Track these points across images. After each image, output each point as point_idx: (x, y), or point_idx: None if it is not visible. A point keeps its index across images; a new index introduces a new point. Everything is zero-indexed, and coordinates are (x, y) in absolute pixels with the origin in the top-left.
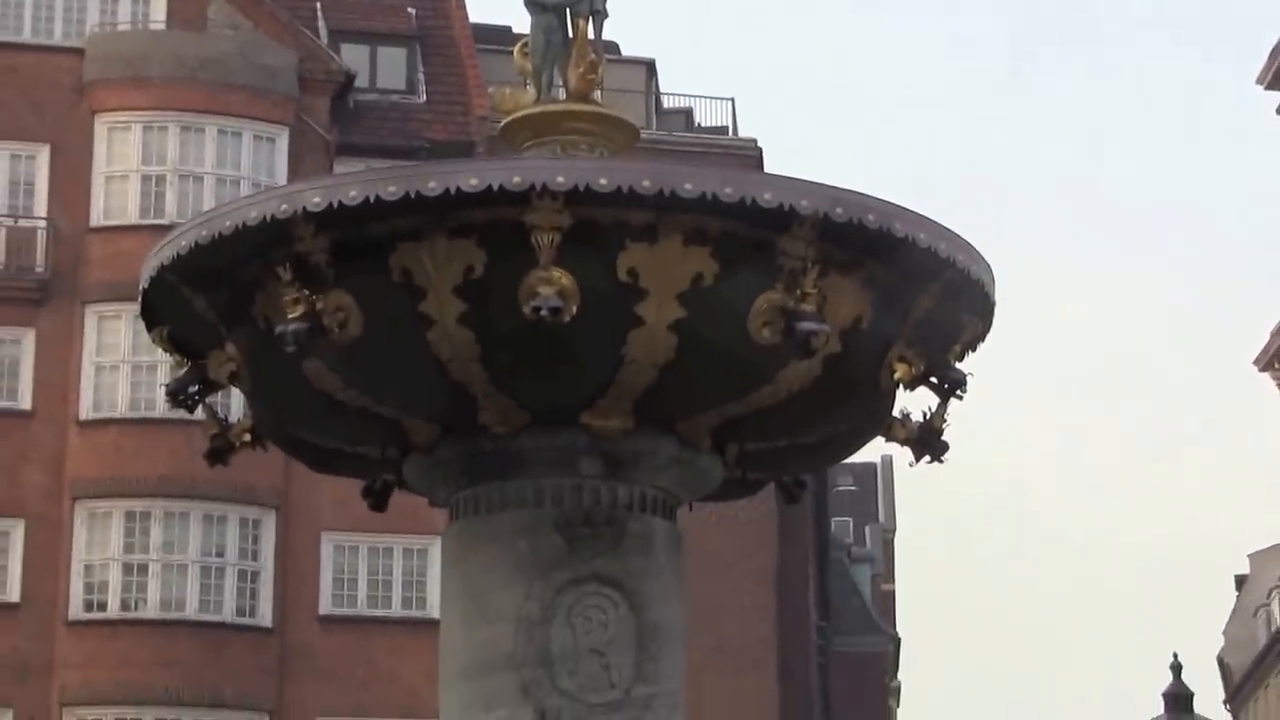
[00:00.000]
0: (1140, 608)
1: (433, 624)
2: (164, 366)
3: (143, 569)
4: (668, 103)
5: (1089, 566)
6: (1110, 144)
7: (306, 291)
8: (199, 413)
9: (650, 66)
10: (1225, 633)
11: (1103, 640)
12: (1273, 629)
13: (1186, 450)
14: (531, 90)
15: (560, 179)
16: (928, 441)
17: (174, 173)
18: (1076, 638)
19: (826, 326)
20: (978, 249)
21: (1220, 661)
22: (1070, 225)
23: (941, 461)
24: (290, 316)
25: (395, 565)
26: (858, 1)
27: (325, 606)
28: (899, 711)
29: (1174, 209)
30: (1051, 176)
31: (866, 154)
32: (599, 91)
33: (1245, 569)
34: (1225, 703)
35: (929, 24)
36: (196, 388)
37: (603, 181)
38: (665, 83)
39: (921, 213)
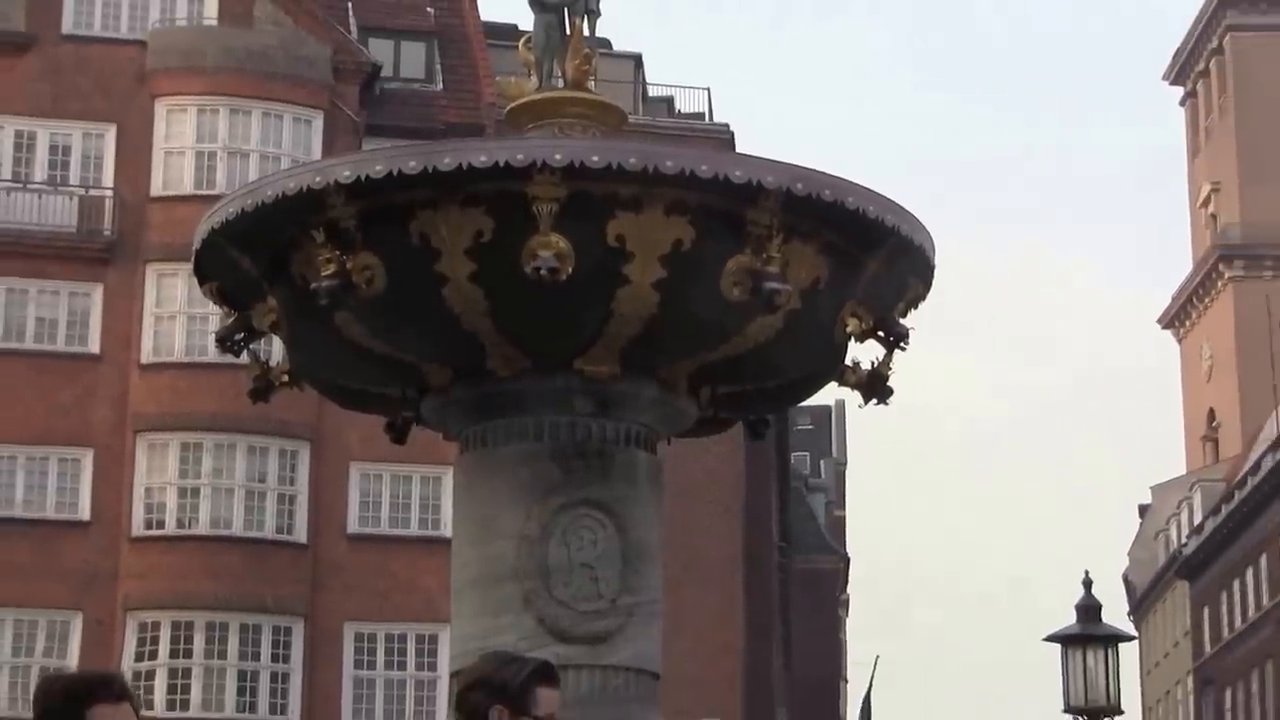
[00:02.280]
0: (1057, 533)
1: (446, 542)
2: (214, 317)
3: (195, 492)
4: (652, 92)
5: (1011, 498)
6: (1041, 135)
7: (337, 252)
8: (244, 357)
9: (638, 60)
10: (1130, 554)
11: (1023, 562)
12: (1170, 551)
13: (1100, 397)
14: (534, 79)
15: (558, 156)
16: (875, 386)
17: (224, 150)
18: (1001, 559)
19: (788, 286)
20: (920, 220)
21: (1125, 579)
22: (1002, 202)
23: (887, 403)
24: (323, 274)
25: (414, 491)
26: (820, 5)
27: (353, 526)
28: (848, 621)
29: (1096, 192)
30: (988, 160)
31: (826, 137)
32: (592, 81)
33: (1148, 499)
34: (1129, 614)
35: (880, 24)
36: (242, 335)
37: (595, 159)
38: (650, 74)
39: (872, 188)
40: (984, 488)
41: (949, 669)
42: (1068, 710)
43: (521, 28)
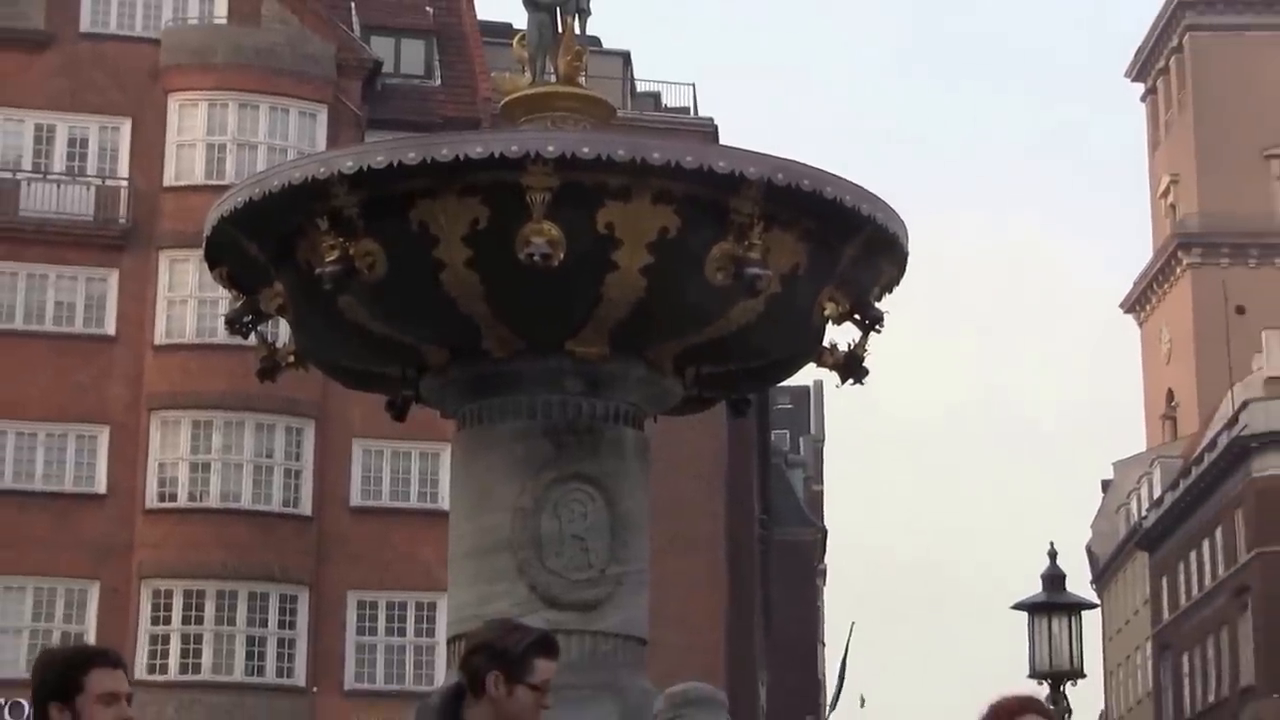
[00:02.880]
0: (1024, 507)
1: (444, 514)
2: (224, 301)
3: (206, 467)
4: (640, 87)
5: (980, 474)
6: (1004, 126)
7: (341, 239)
8: (252, 339)
9: (626, 57)
10: (1093, 527)
11: (993, 534)
12: (1131, 524)
13: (1065, 377)
14: (527, 75)
15: (550, 148)
16: (852, 367)
17: (233, 142)
18: (970, 531)
19: (769, 271)
20: (895, 209)
21: (1088, 550)
22: (973, 192)
23: (862, 383)
24: (327, 260)
25: (413, 466)
26: (796, 5)
27: (355, 499)
28: (825, 589)
29: (1063, 182)
30: (962, 155)
31: (804, 130)
32: (583, 77)
33: (1110, 475)
34: (1092, 583)
35: (858, 24)
36: (250, 318)
37: (585, 150)
38: (638, 71)
39: (849, 179)
40: (954, 464)
41: (921, 635)
42: (1033, 674)
43: (516, 26)
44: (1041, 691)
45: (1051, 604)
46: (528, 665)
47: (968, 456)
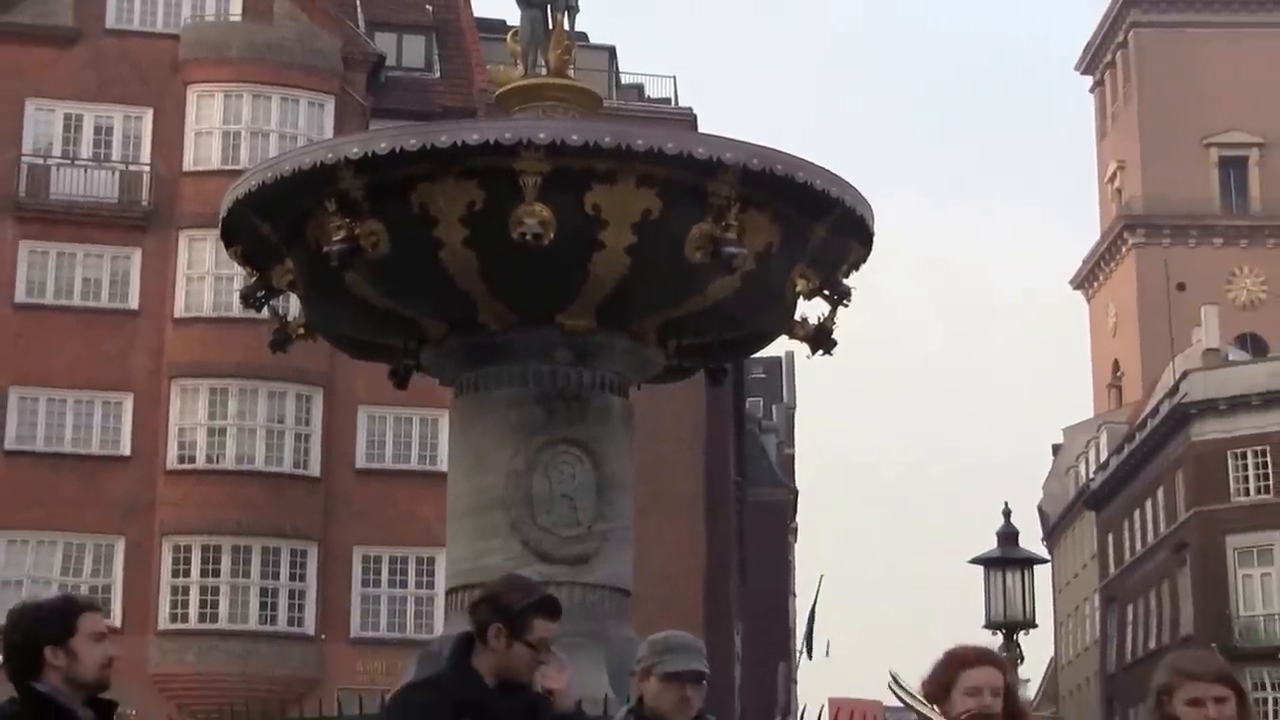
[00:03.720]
0: (980, 469)
1: (442, 475)
2: (239, 277)
3: (222, 432)
4: (624, 80)
5: (939, 439)
6: (964, 116)
7: (347, 220)
8: (265, 312)
9: (612, 52)
10: (1044, 488)
11: (951, 496)
12: (1079, 485)
13: (1019, 349)
14: (520, 68)
15: (542, 135)
16: (821, 339)
17: (247, 130)
18: (930, 492)
19: (744, 250)
20: (861, 192)
21: (1040, 509)
22: (935, 176)
23: (831, 354)
24: (334, 239)
25: (414, 430)
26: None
27: (360, 462)
28: (796, 547)
29: (1018, 167)
30: (920, 142)
31: (778, 118)
32: (572, 69)
33: (1060, 439)
34: (1043, 540)
35: (826, 20)
36: (263, 293)
37: (574, 137)
38: (623, 64)
39: (819, 164)
40: (915, 430)
41: (884, 588)
42: (989, 624)
43: (510, 22)
44: (996, 640)
45: (1006, 559)
46: (527, 623)
47: (927, 423)
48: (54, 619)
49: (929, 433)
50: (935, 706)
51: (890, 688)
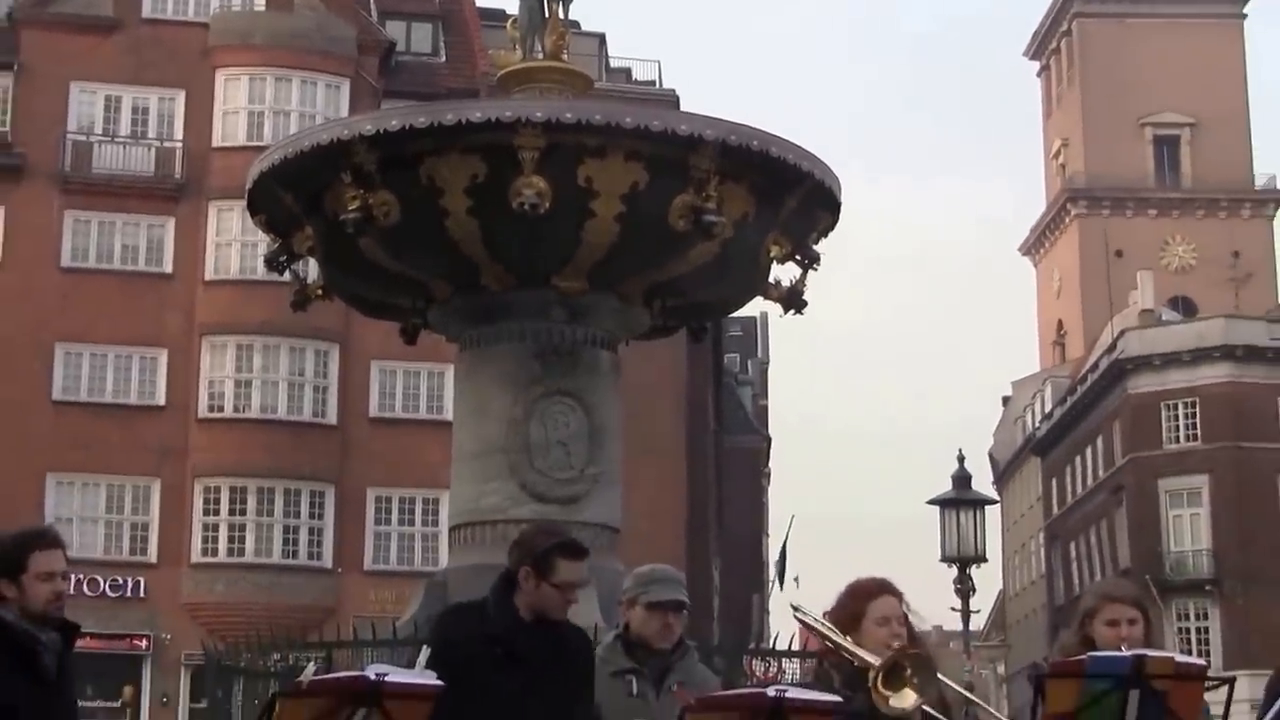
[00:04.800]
0: (937, 419)
1: (448, 424)
2: (263, 243)
3: (248, 384)
4: (613, 64)
5: (900, 392)
6: (927, 98)
7: (361, 191)
8: (287, 275)
9: (602, 38)
10: (994, 436)
11: (909, 442)
12: (1026, 433)
13: (973, 310)
14: (519, 52)
15: (539, 114)
16: (793, 300)
17: (270, 110)
18: (891, 439)
19: (723, 219)
20: (830, 165)
21: (990, 456)
22: (902, 154)
23: (802, 313)
24: (350, 208)
25: (422, 383)
26: None
27: (373, 411)
28: (769, 490)
29: (972, 145)
30: (884, 121)
31: (753, 98)
32: (566, 54)
33: (1009, 392)
34: (993, 483)
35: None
36: (285, 257)
37: (568, 116)
38: (612, 50)
39: (791, 139)
40: (878, 384)
41: (848, 526)
42: (944, 559)
43: (509, 11)
44: (950, 572)
45: (959, 500)
46: (551, 564)
47: (890, 378)
48: (9, 553)
49: (891, 387)
50: (848, 637)
51: (798, 619)
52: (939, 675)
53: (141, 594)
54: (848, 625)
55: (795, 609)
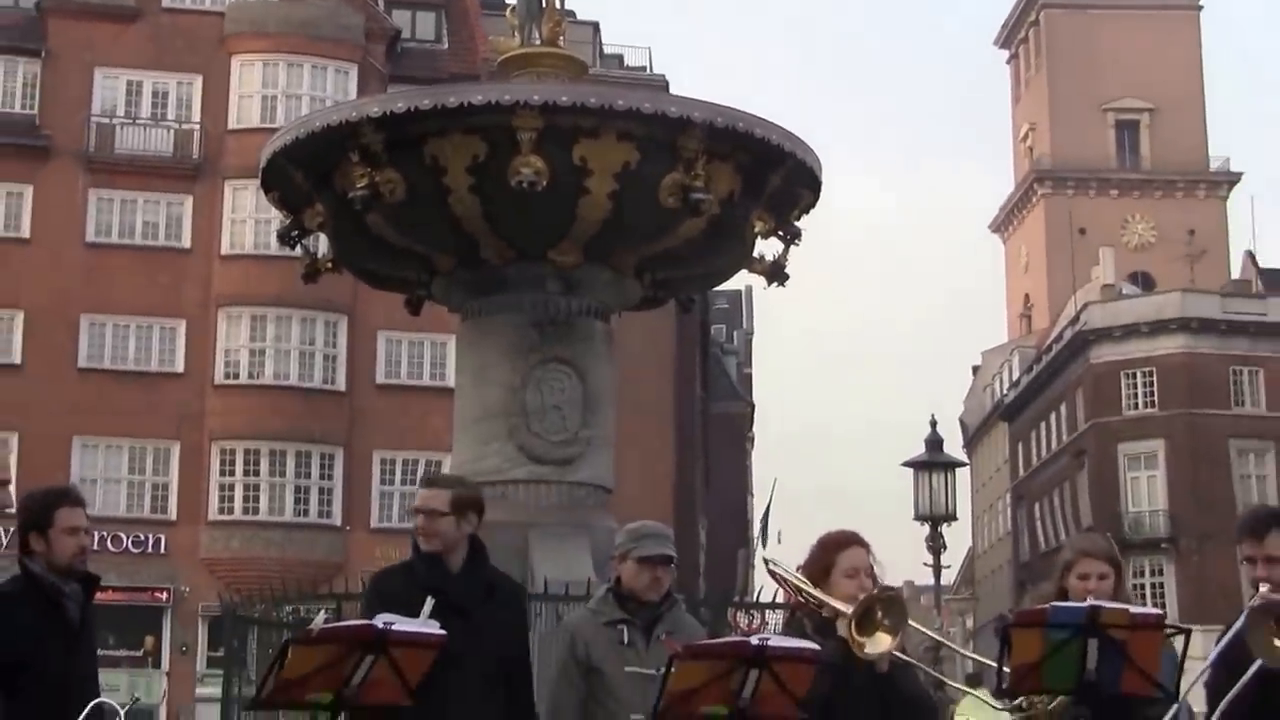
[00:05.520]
0: (911, 387)
1: (450, 390)
2: (276, 219)
3: (262, 353)
4: (607, 50)
5: (877, 361)
6: (902, 84)
7: (369, 170)
8: (298, 249)
9: (596, 26)
10: (965, 403)
11: (886, 407)
12: (994, 400)
13: (946, 284)
14: (518, 39)
15: (536, 96)
16: (776, 274)
17: (283, 94)
18: (869, 405)
19: (710, 196)
20: (811, 146)
21: (961, 421)
22: (870, 139)
23: (784, 286)
24: (358, 186)
25: (425, 352)
26: None
27: (380, 378)
28: (753, 453)
29: (945, 129)
30: (863, 107)
31: (738, 84)
32: (562, 40)
33: (979, 361)
34: (964, 447)
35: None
36: (297, 233)
37: (564, 99)
38: (605, 37)
39: (774, 121)
40: (856, 353)
41: (828, 487)
42: (917, 517)
43: (509, 0)
44: (923, 530)
45: (931, 462)
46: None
47: (866, 348)
48: (37, 510)
49: (869, 356)
50: (819, 588)
51: (770, 573)
52: (910, 621)
53: (162, 550)
54: (818, 577)
55: (768, 562)
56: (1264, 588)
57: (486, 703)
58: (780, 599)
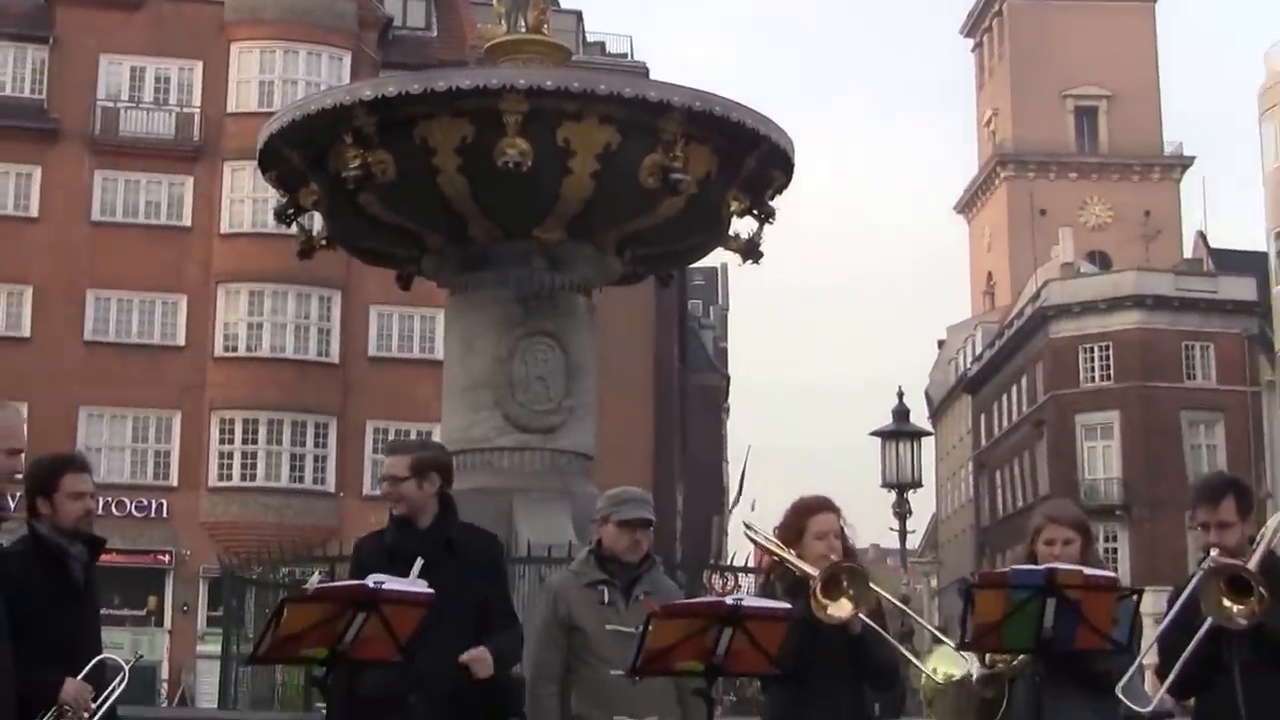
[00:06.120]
0: (879, 359)
1: (439, 362)
2: (273, 199)
3: (259, 326)
4: (589, 38)
5: (846, 335)
6: (871, 71)
7: (361, 151)
8: (294, 227)
9: (579, 15)
10: (930, 375)
11: (854, 379)
12: (958, 373)
13: (913, 262)
14: (504, 27)
15: (521, 81)
16: (751, 251)
17: (279, 79)
18: (838, 377)
19: (688, 177)
20: (784, 129)
21: (926, 394)
22: (849, 126)
23: (759, 263)
24: (351, 166)
25: (415, 324)
26: None
27: (371, 350)
28: (728, 423)
29: (913, 114)
30: (835, 93)
31: (715, 70)
32: (546, 28)
33: (944, 336)
34: (929, 418)
35: None
36: (293, 211)
37: (548, 83)
38: (588, 25)
39: (749, 105)
40: (827, 327)
41: (800, 455)
42: (884, 484)
43: None
44: (890, 496)
45: (898, 432)
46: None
47: (837, 322)
48: (44, 475)
49: (838, 330)
50: (791, 550)
51: (747, 536)
52: (873, 586)
53: (164, 515)
54: (791, 540)
55: (746, 526)
56: (1214, 552)
57: (450, 649)
58: (752, 563)
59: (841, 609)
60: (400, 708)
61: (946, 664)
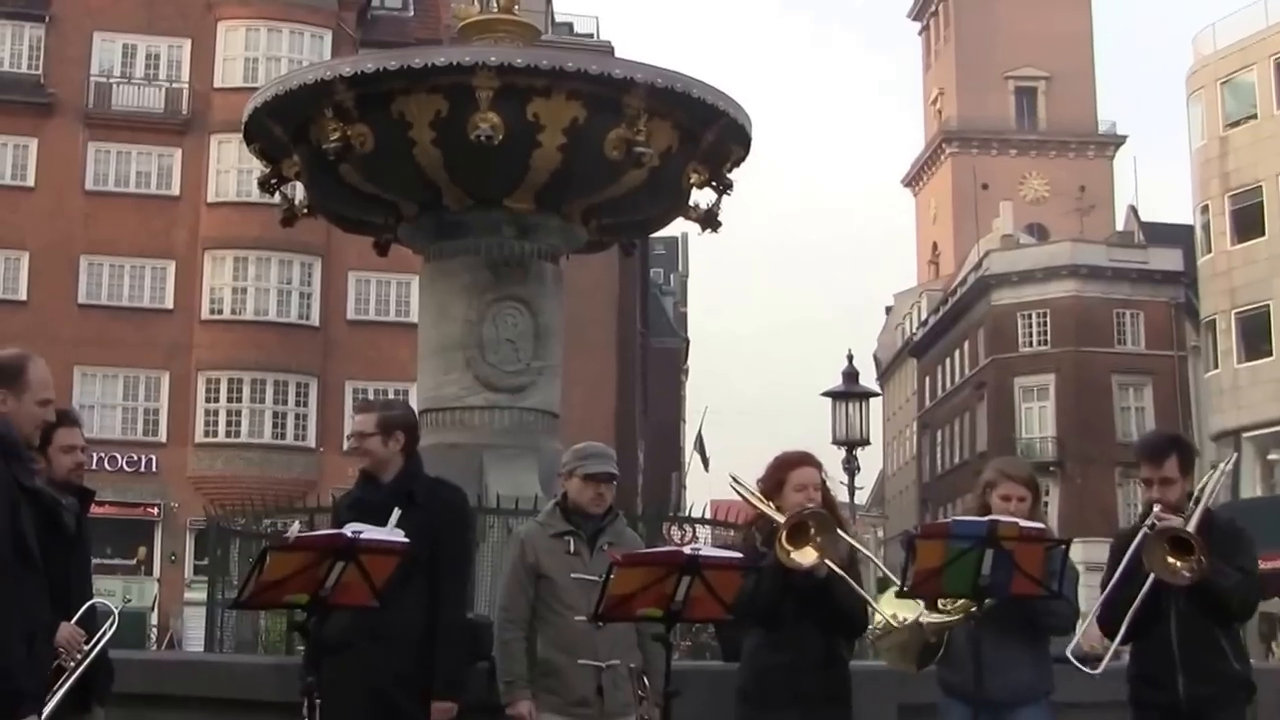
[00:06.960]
0: (830, 325)
1: (414, 325)
2: (257, 169)
3: (244, 290)
4: (558, 18)
5: (798, 302)
6: (827, 55)
7: (341, 124)
8: (277, 196)
9: None
10: (878, 340)
11: (805, 343)
12: (905, 338)
13: (862, 233)
14: (477, 6)
15: (493, 59)
16: (709, 221)
17: (264, 56)
18: (791, 341)
19: (651, 150)
20: (742, 105)
21: (875, 357)
22: (796, 103)
23: (717, 232)
24: (331, 139)
25: (392, 289)
26: None
27: (351, 314)
28: (687, 384)
29: (864, 93)
30: (790, 76)
31: (677, 49)
32: (517, 8)
33: (891, 302)
34: (877, 379)
35: None
36: (276, 181)
37: (519, 61)
38: (557, 6)
39: (709, 82)
40: (781, 294)
41: (753, 415)
42: (834, 441)
43: None
44: (839, 454)
45: (848, 393)
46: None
47: (790, 290)
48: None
49: (792, 297)
50: (771, 502)
51: (733, 488)
52: (841, 533)
53: (153, 469)
54: (772, 491)
55: (733, 478)
56: (1157, 508)
57: (401, 596)
58: (708, 514)
59: (805, 556)
60: (353, 651)
61: (900, 608)
